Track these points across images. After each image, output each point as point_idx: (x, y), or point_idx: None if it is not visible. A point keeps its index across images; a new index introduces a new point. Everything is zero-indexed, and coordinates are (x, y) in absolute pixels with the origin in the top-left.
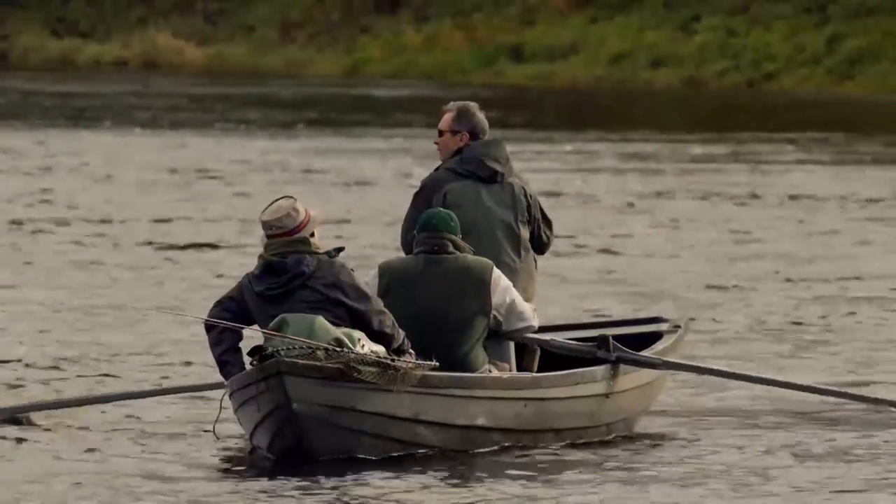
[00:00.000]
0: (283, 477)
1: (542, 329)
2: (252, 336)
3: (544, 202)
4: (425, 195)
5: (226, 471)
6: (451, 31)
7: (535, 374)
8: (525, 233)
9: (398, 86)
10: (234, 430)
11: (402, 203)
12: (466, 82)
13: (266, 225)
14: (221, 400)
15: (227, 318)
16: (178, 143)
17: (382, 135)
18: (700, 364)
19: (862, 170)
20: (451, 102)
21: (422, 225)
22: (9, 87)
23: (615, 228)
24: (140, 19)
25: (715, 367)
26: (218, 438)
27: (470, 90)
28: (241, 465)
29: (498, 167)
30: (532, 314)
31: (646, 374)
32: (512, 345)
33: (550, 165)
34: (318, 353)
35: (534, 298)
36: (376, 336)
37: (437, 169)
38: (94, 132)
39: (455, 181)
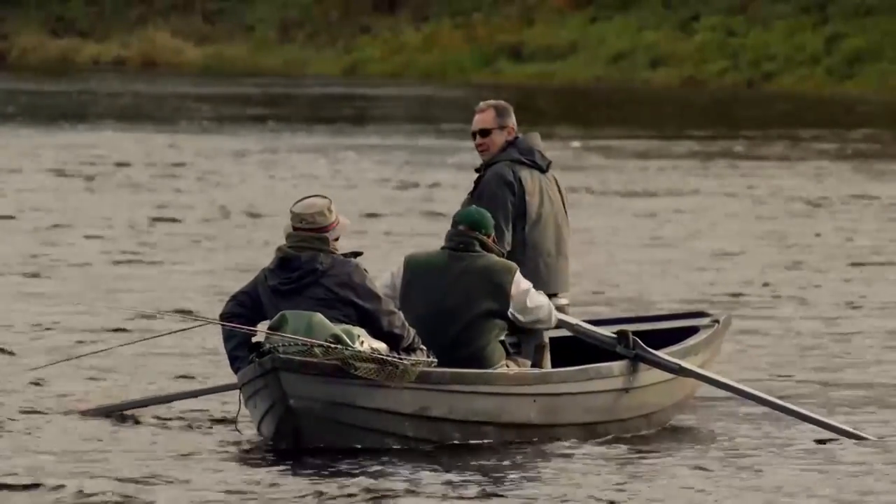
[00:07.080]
0: (287, 470)
1: (590, 323)
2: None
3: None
4: (509, 188)
5: (243, 462)
6: (450, 31)
7: (544, 370)
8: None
9: (391, 84)
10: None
11: (363, 199)
12: (466, 82)
13: (297, 217)
14: (240, 393)
15: (241, 312)
16: (135, 139)
17: (360, 132)
18: (716, 376)
19: (861, 168)
20: (482, 103)
21: (455, 221)
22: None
23: (616, 226)
24: (139, 19)
25: (729, 382)
26: (239, 431)
27: (469, 90)
28: (257, 457)
29: (548, 157)
30: (550, 314)
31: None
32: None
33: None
34: (316, 349)
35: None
36: (385, 336)
37: (489, 165)
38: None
39: (523, 169)
